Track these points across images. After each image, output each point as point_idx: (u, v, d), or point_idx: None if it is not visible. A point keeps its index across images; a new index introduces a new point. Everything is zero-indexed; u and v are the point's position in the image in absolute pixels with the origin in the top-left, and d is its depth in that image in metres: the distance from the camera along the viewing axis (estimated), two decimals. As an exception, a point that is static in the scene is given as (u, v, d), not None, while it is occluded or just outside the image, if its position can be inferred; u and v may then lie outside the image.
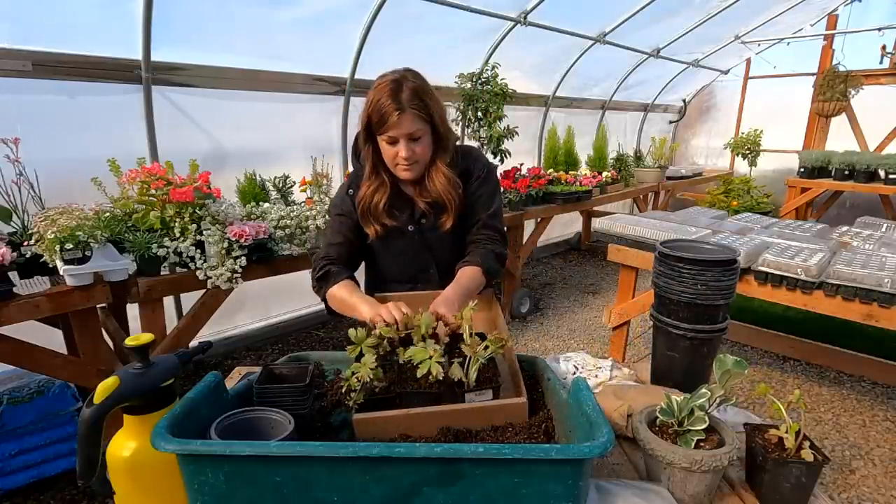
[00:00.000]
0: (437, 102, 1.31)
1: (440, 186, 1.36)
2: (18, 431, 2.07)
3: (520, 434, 0.93)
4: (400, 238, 1.44)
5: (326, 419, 1.05)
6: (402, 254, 1.46)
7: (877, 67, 5.74)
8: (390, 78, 1.27)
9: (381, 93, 1.25)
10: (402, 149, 1.28)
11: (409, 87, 1.25)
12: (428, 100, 1.28)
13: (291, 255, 2.50)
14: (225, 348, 3.42)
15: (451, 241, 1.46)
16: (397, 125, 1.25)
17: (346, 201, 1.46)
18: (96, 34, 2.48)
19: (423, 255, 1.46)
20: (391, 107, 1.23)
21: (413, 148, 1.29)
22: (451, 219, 1.40)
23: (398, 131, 1.26)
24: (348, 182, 1.48)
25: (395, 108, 1.23)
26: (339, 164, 3.70)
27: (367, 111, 1.28)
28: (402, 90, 1.24)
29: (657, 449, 0.95)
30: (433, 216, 1.41)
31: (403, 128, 1.25)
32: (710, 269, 1.29)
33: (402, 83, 1.26)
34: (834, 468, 2.41)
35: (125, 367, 0.88)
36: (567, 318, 4.21)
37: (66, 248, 1.81)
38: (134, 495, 0.86)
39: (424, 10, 3.38)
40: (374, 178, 1.39)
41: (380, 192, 1.39)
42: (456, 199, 1.39)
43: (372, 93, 1.28)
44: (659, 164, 6.02)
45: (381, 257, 1.49)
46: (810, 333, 3.37)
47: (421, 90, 1.27)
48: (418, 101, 1.25)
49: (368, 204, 1.39)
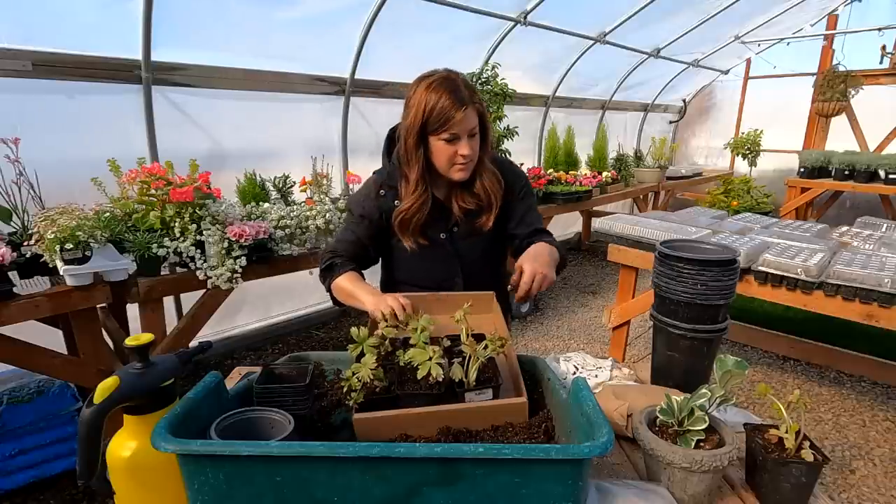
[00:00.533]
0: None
1: (487, 182, 1.35)
2: (18, 431, 2.07)
3: (520, 434, 0.93)
4: (430, 245, 1.40)
5: (326, 419, 1.05)
6: (431, 260, 1.42)
7: (877, 67, 5.74)
8: (440, 76, 1.24)
9: (437, 92, 1.21)
10: (463, 146, 1.25)
11: (461, 82, 1.24)
12: (478, 94, 1.27)
13: (291, 255, 2.51)
14: (225, 348, 3.42)
15: (481, 250, 1.44)
16: (462, 121, 1.22)
17: (370, 202, 1.40)
18: (96, 34, 2.48)
19: (452, 263, 1.42)
20: (454, 103, 1.20)
21: (472, 145, 1.27)
22: (491, 218, 1.38)
23: (461, 127, 1.23)
24: (378, 181, 1.42)
25: (459, 104, 1.20)
26: (340, 164, 3.70)
27: (421, 113, 1.23)
28: (457, 86, 1.22)
29: (657, 449, 0.95)
30: (466, 223, 1.39)
31: (466, 123, 1.23)
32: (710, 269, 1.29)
33: (455, 80, 1.24)
34: (834, 468, 2.41)
35: (125, 367, 0.88)
36: (567, 318, 4.21)
37: (66, 248, 1.81)
38: (134, 495, 0.86)
39: (424, 10, 3.38)
40: (419, 189, 1.33)
41: (424, 208, 1.34)
42: (500, 197, 1.38)
43: (423, 94, 1.23)
44: (659, 164, 6.03)
45: (406, 261, 1.44)
46: (810, 333, 3.37)
47: (472, 85, 1.26)
48: (476, 95, 1.25)
49: (410, 219, 1.34)
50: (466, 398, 0.97)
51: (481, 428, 0.94)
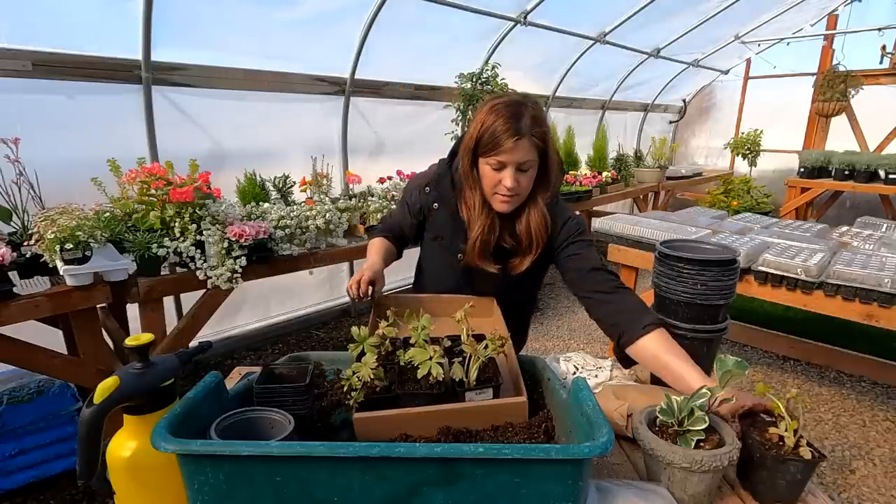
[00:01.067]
0: (551, 134, 1.22)
1: (535, 225, 1.26)
2: (18, 431, 2.07)
3: (520, 434, 0.93)
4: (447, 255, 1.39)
5: (326, 419, 1.05)
6: (442, 269, 1.43)
7: (877, 67, 5.74)
8: (512, 99, 1.19)
9: (499, 114, 1.16)
10: (506, 177, 1.17)
11: (531, 112, 1.17)
12: (546, 130, 1.19)
13: (291, 255, 2.51)
14: (225, 348, 3.42)
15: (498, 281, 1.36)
16: (511, 150, 1.15)
17: (415, 194, 1.43)
18: (96, 34, 2.48)
19: (463, 285, 1.39)
20: (509, 130, 1.14)
21: (519, 178, 1.18)
22: (526, 262, 1.30)
23: (509, 157, 1.16)
24: (428, 177, 1.41)
25: (513, 133, 1.13)
26: (339, 164, 3.70)
27: (477, 132, 1.19)
28: (523, 114, 1.16)
29: (657, 449, 0.95)
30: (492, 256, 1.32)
31: (517, 154, 1.15)
32: (710, 269, 1.29)
33: (524, 107, 1.17)
34: (834, 468, 2.41)
35: (125, 367, 0.88)
36: (567, 318, 4.21)
37: (66, 248, 1.81)
38: (134, 495, 0.86)
39: (424, 10, 3.38)
40: (485, 212, 1.27)
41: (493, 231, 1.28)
42: (545, 242, 1.29)
43: (486, 113, 1.18)
44: (659, 164, 6.02)
45: (426, 258, 1.52)
46: (810, 333, 3.38)
47: (542, 120, 1.18)
48: (538, 128, 1.16)
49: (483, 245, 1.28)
50: (466, 398, 0.97)
51: (481, 428, 0.94)
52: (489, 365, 1.04)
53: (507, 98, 1.20)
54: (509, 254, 1.32)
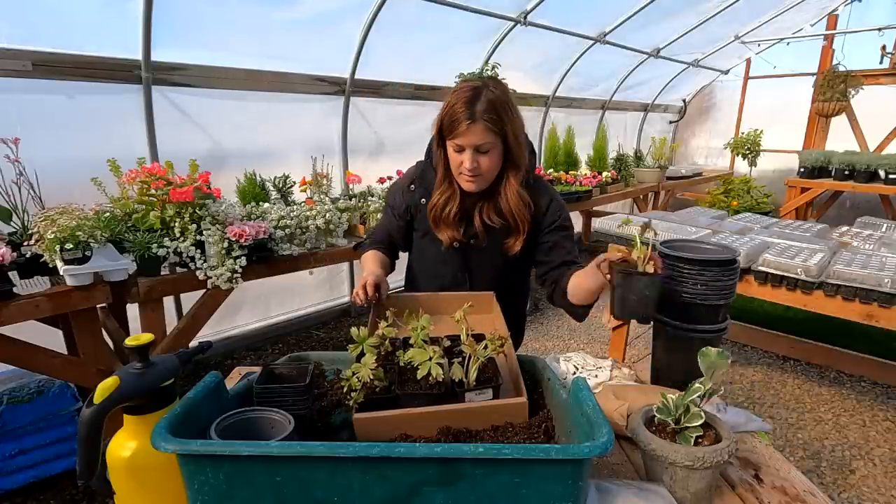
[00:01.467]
0: (513, 118, 1.26)
1: (512, 203, 1.32)
2: (18, 431, 2.07)
3: (520, 434, 0.93)
4: (441, 249, 1.42)
5: (326, 419, 1.04)
6: (438, 263, 1.45)
7: (877, 67, 5.74)
8: (471, 84, 1.24)
9: (458, 98, 1.22)
10: (465, 158, 1.25)
11: (487, 97, 1.21)
12: (504, 113, 1.23)
13: (291, 255, 2.51)
14: (225, 348, 3.42)
15: (495, 267, 1.43)
16: (465, 134, 1.22)
17: (400, 195, 1.48)
18: (96, 34, 2.48)
19: (459, 274, 1.44)
20: (463, 115, 1.20)
21: (478, 160, 1.25)
22: (519, 241, 1.35)
23: (465, 140, 1.23)
24: (412, 175, 1.47)
25: (466, 117, 1.20)
26: (340, 164, 3.70)
27: (441, 115, 1.26)
28: (478, 99, 1.21)
29: (658, 449, 0.95)
30: (488, 239, 1.38)
31: (471, 138, 1.22)
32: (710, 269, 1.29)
33: (480, 91, 1.22)
34: (834, 468, 2.41)
35: (125, 367, 0.88)
36: (567, 318, 4.19)
37: (66, 248, 1.81)
38: (134, 495, 0.86)
39: (424, 10, 3.38)
40: (445, 185, 1.36)
41: (451, 203, 1.36)
42: (528, 220, 1.34)
43: (449, 97, 1.25)
44: (659, 164, 6.02)
45: (418, 258, 1.53)
46: (810, 333, 3.38)
47: (498, 102, 1.22)
48: (493, 113, 1.21)
49: (441, 211, 1.37)
50: (466, 398, 0.97)
51: (481, 428, 0.94)
52: (489, 365, 1.04)
53: (471, 83, 1.25)
54: (501, 235, 1.37)
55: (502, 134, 1.24)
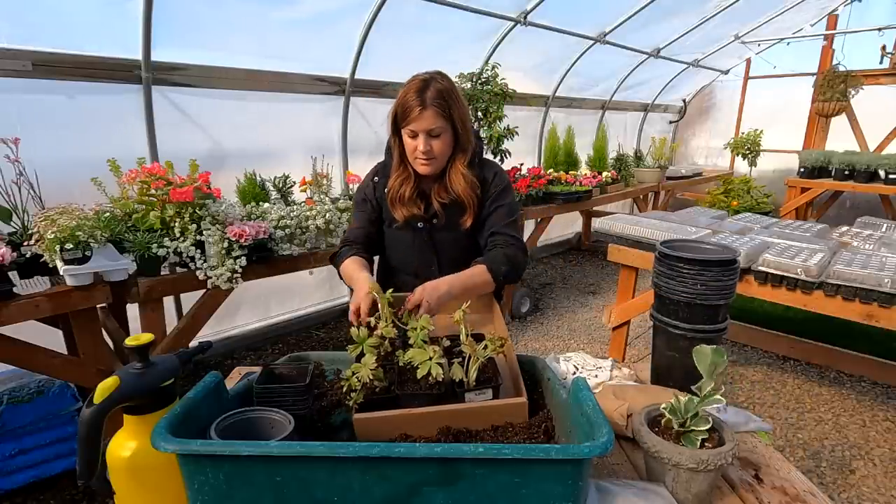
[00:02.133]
0: (460, 105, 1.39)
1: (459, 185, 1.44)
2: (18, 431, 2.07)
3: (520, 434, 0.93)
4: (409, 233, 1.52)
5: (326, 419, 1.05)
6: (408, 248, 1.54)
7: (877, 67, 5.74)
8: (420, 77, 1.37)
9: (409, 89, 1.34)
10: (420, 142, 1.37)
11: (435, 86, 1.34)
12: (451, 101, 1.36)
13: (291, 255, 2.51)
14: (225, 348, 3.42)
15: (459, 245, 1.53)
16: (418, 119, 1.33)
17: (369, 187, 1.58)
18: (96, 34, 2.48)
19: (428, 253, 1.54)
20: (415, 102, 1.32)
21: (431, 143, 1.37)
22: (470, 217, 1.47)
23: (418, 125, 1.35)
24: (375, 169, 1.59)
25: (417, 104, 1.32)
26: (340, 164, 3.70)
27: (394, 107, 1.38)
28: (428, 88, 1.33)
29: (662, 451, 0.95)
30: (446, 217, 1.48)
31: (423, 123, 1.34)
32: (710, 269, 1.29)
33: (429, 82, 1.35)
34: (834, 468, 2.41)
35: (125, 367, 0.88)
36: (567, 318, 4.21)
37: (66, 248, 1.81)
38: (134, 495, 0.86)
39: (424, 10, 3.38)
40: (401, 169, 1.48)
41: (406, 184, 1.47)
42: (475, 198, 1.46)
43: (403, 89, 1.37)
44: (659, 164, 6.02)
45: (390, 248, 1.60)
46: (810, 333, 3.38)
47: (446, 91, 1.35)
48: (441, 100, 1.34)
49: (397, 192, 1.48)
50: (466, 398, 0.97)
51: (481, 428, 0.94)
52: (489, 365, 1.04)
53: (421, 76, 1.37)
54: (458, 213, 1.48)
55: (451, 119, 1.37)
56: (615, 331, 3.03)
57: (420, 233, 1.52)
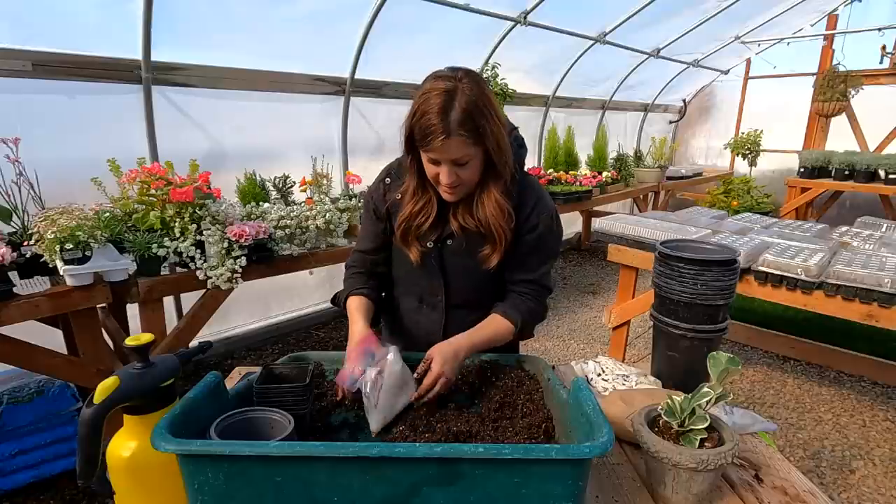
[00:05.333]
0: (494, 122, 1.08)
1: (490, 214, 1.16)
2: (18, 431, 2.07)
3: (520, 434, 0.93)
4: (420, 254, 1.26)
5: (326, 419, 1.05)
6: (419, 271, 1.27)
7: (877, 67, 5.74)
8: (443, 87, 1.04)
9: (429, 106, 1.04)
10: (443, 173, 1.10)
11: (461, 103, 1.03)
12: (483, 120, 1.05)
13: (291, 255, 2.50)
14: (225, 348, 3.42)
15: (473, 277, 1.26)
16: (441, 150, 1.05)
17: (377, 193, 1.31)
18: (96, 34, 2.47)
19: (436, 279, 1.27)
20: (437, 127, 1.03)
21: (457, 173, 1.10)
22: (497, 254, 1.19)
23: (441, 155, 1.07)
24: (389, 168, 1.33)
25: (440, 131, 1.03)
26: (339, 164, 3.70)
27: (410, 122, 1.08)
28: (452, 107, 1.03)
29: (662, 451, 0.95)
30: (464, 241, 1.22)
31: (448, 153, 1.06)
32: (710, 269, 1.29)
33: (454, 96, 1.03)
34: (834, 468, 2.41)
35: (125, 367, 0.88)
36: (567, 318, 4.21)
37: (66, 248, 1.80)
38: (134, 495, 0.86)
39: (424, 9, 3.38)
40: (420, 193, 1.20)
41: (425, 213, 1.21)
42: (507, 233, 1.18)
43: (419, 100, 1.06)
44: (659, 164, 6.02)
45: (398, 267, 1.35)
46: (810, 333, 3.38)
47: (475, 108, 1.04)
48: (470, 123, 1.04)
49: (411, 225, 1.22)
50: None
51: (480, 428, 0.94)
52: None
53: (444, 81, 1.06)
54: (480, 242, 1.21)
55: (483, 143, 1.08)
56: (615, 331, 3.03)
57: (428, 254, 1.24)
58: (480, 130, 1.06)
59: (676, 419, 1.00)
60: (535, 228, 1.22)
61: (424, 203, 1.21)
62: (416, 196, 1.21)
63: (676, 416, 1.00)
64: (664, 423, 1.03)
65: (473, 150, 1.08)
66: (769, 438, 1.26)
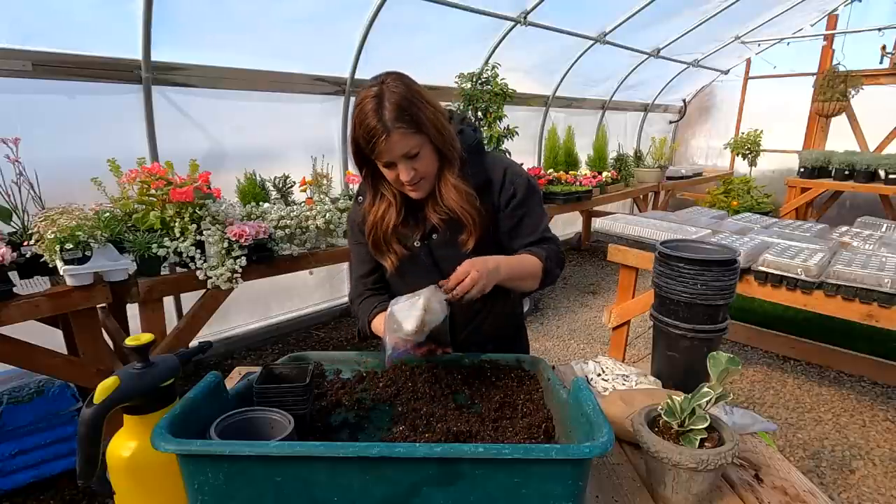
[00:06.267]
0: (428, 109, 1.11)
1: (453, 202, 1.19)
2: (18, 431, 2.07)
3: (520, 434, 0.93)
4: (408, 256, 1.27)
5: (326, 419, 1.05)
6: (411, 275, 1.27)
7: (877, 67, 5.74)
8: (370, 93, 1.07)
9: (364, 113, 1.07)
10: (401, 171, 1.12)
11: (391, 101, 1.06)
12: (416, 110, 1.08)
13: (291, 255, 2.51)
14: (225, 348, 3.42)
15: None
16: (387, 150, 1.08)
17: (356, 212, 1.33)
18: (96, 34, 2.48)
19: (433, 274, 1.26)
20: (376, 129, 1.06)
21: (413, 166, 1.12)
22: (472, 238, 1.21)
23: (390, 154, 1.09)
24: (359, 190, 1.34)
25: (380, 131, 1.05)
26: (339, 164, 3.70)
27: (353, 134, 1.11)
28: (383, 106, 1.06)
29: (662, 451, 0.95)
30: (447, 231, 1.23)
31: (394, 149, 1.08)
32: (710, 269, 1.29)
33: (382, 97, 1.06)
34: (834, 468, 2.41)
35: (125, 367, 0.88)
36: (567, 318, 4.21)
37: (66, 248, 1.81)
38: (134, 495, 0.86)
39: (424, 9, 3.38)
40: (378, 201, 1.24)
41: (389, 214, 1.23)
42: (474, 214, 1.20)
43: (354, 112, 1.10)
44: (659, 164, 6.03)
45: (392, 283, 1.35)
46: (810, 333, 3.38)
47: (405, 101, 1.07)
48: (404, 115, 1.06)
49: (379, 231, 1.24)
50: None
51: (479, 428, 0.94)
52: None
53: (370, 89, 1.08)
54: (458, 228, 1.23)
55: (423, 131, 1.10)
56: (615, 331, 3.03)
57: (419, 252, 1.26)
58: (416, 119, 1.08)
59: (676, 419, 1.00)
60: (515, 195, 1.25)
61: (385, 207, 1.24)
62: (374, 205, 1.25)
63: (676, 416, 1.00)
64: (664, 423, 1.03)
65: (417, 140, 1.10)
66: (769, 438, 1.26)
